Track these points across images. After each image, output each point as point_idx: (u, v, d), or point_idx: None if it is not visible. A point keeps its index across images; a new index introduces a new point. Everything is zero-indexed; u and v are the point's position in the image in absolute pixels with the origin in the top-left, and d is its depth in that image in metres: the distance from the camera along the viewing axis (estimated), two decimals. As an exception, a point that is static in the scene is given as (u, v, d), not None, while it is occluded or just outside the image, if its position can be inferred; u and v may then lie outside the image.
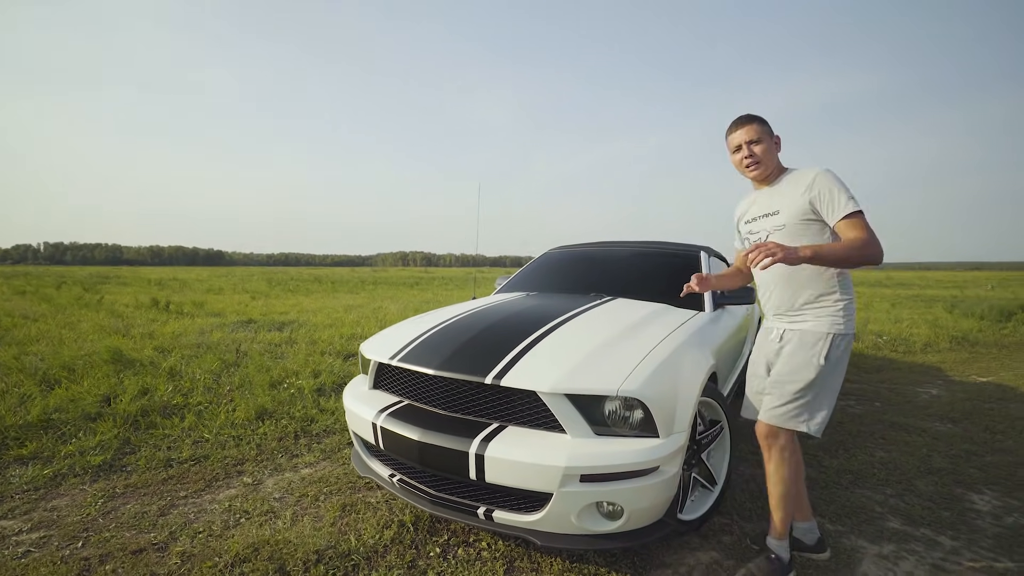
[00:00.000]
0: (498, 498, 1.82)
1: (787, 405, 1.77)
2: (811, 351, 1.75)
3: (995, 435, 3.30)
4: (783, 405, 1.78)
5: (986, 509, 2.33)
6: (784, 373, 1.80)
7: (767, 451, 1.85)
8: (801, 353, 1.77)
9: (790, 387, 1.77)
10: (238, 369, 4.34)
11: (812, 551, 1.92)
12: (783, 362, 1.82)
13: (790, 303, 1.83)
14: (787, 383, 1.78)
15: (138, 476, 2.56)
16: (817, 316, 1.78)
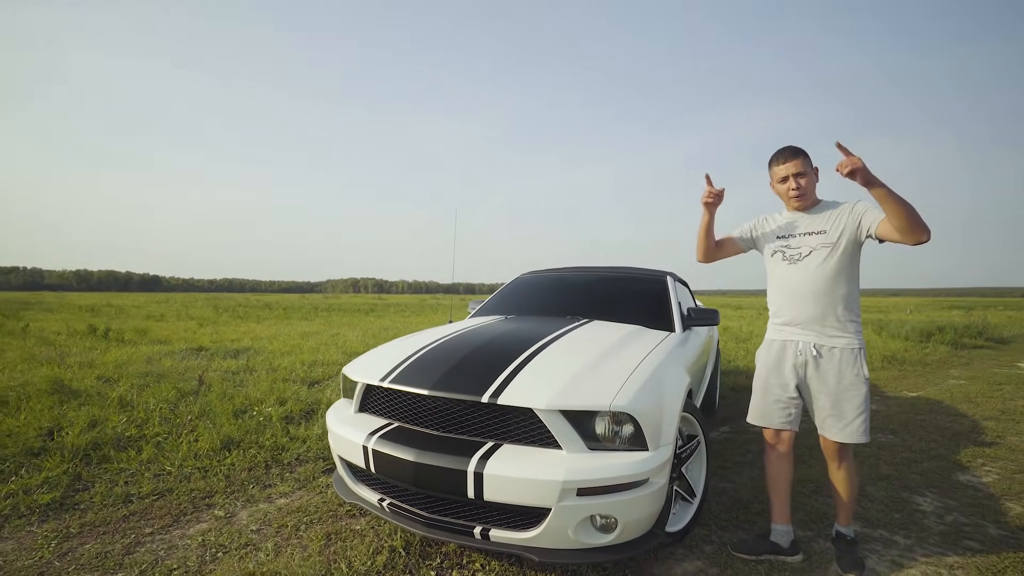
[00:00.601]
0: (494, 517, 1.84)
1: (855, 422, 1.93)
2: (855, 367, 1.94)
3: (929, 444, 3.62)
4: (851, 423, 1.93)
5: (930, 509, 2.55)
6: (839, 393, 1.95)
7: (837, 463, 2.03)
8: (849, 371, 1.94)
9: (850, 405, 1.93)
10: (197, 398, 4.11)
11: (787, 553, 2.06)
12: (833, 381, 1.95)
13: (823, 319, 1.97)
14: (846, 401, 1.94)
15: (94, 514, 2.38)
16: (847, 332, 1.96)
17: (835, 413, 1.97)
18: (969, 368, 7.23)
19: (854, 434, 1.94)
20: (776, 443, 2.14)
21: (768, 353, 2.14)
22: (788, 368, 2.06)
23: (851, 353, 1.95)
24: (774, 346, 2.12)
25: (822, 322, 1.98)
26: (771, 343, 2.14)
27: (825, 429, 2.01)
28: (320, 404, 4.09)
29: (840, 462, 2.03)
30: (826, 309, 1.97)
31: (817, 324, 1.99)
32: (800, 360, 2.03)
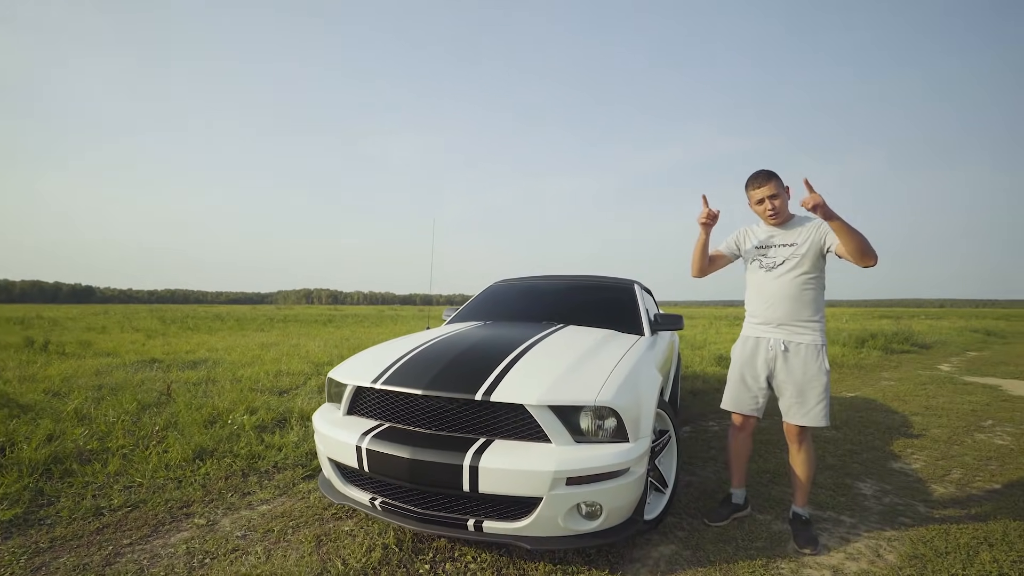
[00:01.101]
0: (487, 509, 1.95)
1: (815, 408, 2.22)
2: (817, 361, 2.23)
3: (867, 437, 3.99)
4: (812, 409, 2.22)
5: (870, 493, 2.85)
6: (803, 383, 2.23)
7: (797, 445, 2.32)
8: (812, 364, 2.22)
9: (812, 394, 2.22)
10: (160, 409, 3.97)
11: (743, 509, 2.51)
12: (799, 373, 2.24)
13: (795, 316, 2.26)
14: (808, 391, 2.22)
15: (64, 528, 2.29)
16: (812, 330, 2.25)
17: (799, 401, 2.25)
18: (898, 370, 7.91)
19: (815, 418, 2.22)
20: (743, 426, 2.48)
21: (743, 348, 2.43)
22: (760, 361, 2.35)
23: (815, 349, 2.24)
24: (748, 342, 2.41)
25: (791, 322, 2.27)
26: (746, 339, 2.43)
27: (789, 415, 2.29)
28: (292, 412, 4.04)
29: (800, 445, 2.32)
30: (794, 311, 2.26)
31: (786, 323, 2.28)
32: (771, 355, 2.32)
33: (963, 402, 5.35)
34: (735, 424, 2.50)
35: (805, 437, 2.31)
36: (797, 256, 2.26)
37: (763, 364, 2.34)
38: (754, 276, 2.41)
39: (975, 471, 3.21)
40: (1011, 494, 2.81)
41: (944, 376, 7.29)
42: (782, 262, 2.30)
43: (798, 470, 2.34)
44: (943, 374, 7.51)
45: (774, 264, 2.32)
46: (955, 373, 7.62)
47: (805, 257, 2.24)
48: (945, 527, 2.39)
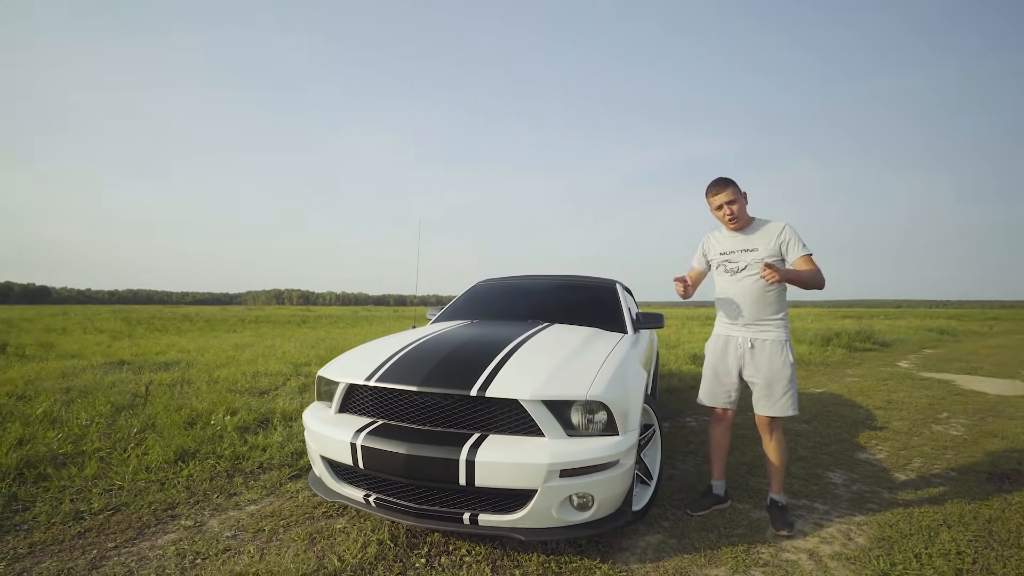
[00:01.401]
0: (482, 502, 1.99)
1: (783, 399, 2.38)
2: (782, 356, 2.39)
3: (835, 430, 4.19)
4: (780, 400, 2.38)
5: (840, 482, 3.01)
6: (770, 377, 2.38)
7: (769, 435, 2.47)
8: (777, 358, 2.38)
9: (779, 386, 2.38)
10: (136, 411, 3.86)
11: (723, 502, 2.60)
12: (765, 367, 2.39)
13: (759, 316, 2.42)
14: (775, 383, 2.38)
15: (43, 533, 2.23)
16: (776, 328, 2.42)
17: (767, 393, 2.40)
18: (861, 367, 8.28)
19: (783, 408, 2.38)
20: (721, 419, 2.62)
21: (715, 345, 2.58)
22: (731, 358, 2.50)
23: (779, 344, 2.40)
24: (719, 339, 2.57)
25: (755, 321, 2.43)
26: (717, 336, 2.58)
27: (759, 407, 2.44)
28: (274, 413, 3.99)
29: (772, 434, 2.47)
30: (758, 311, 2.43)
31: (752, 323, 2.44)
32: (740, 352, 2.47)
33: (921, 396, 5.66)
34: (714, 417, 2.63)
35: (776, 427, 2.46)
36: (759, 261, 2.39)
37: (733, 360, 2.49)
38: (720, 280, 2.56)
39: (933, 460, 3.42)
40: (966, 480, 3.02)
41: (903, 372, 7.68)
42: (744, 267, 2.44)
43: (772, 458, 2.49)
44: (902, 370, 7.90)
45: (737, 268, 2.47)
46: (913, 369, 8.03)
47: (763, 261, 2.37)
48: (908, 511, 2.55)
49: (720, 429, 2.62)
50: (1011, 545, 2.18)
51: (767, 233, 2.43)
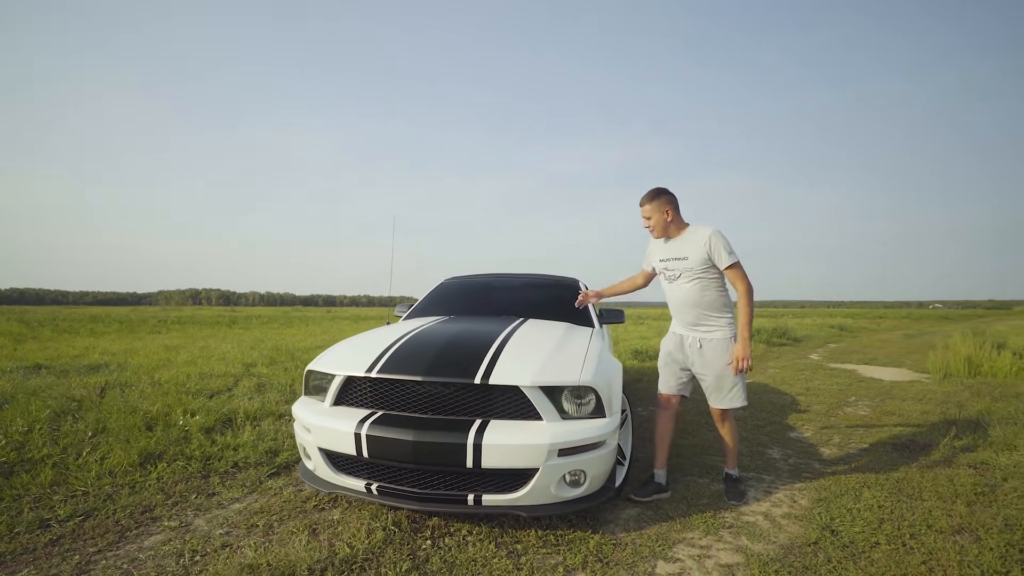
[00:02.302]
0: (485, 483, 2.13)
1: (730, 393, 2.57)
2: (726, 354, 2.54)
3: (767, 414, 4.72)
4: (728, 394, 2.57)
5: (778, 457, 3.43)
6: (719, 373, 2.55)
7: (721, 423, 2.70)
8: (724, 356, 2.54)
9: (727, 381, 2.55)
10: (81, 414, 3.58)
11: (664, 491, 2.70)
12: (713, 364, 2.55)
13: (699, 320, 2.58)
14: (723, 378, 2.55)
15: (7, 543, 2.09)
16: (720, 327, 2.57)
17: (717, 387, 2.59)
18: (780, 360, 9.20)
19: (731, 401, 2.60)
20: (667, 405, 2.77)
21: (670, 341, 2.76)
22: (682, 354, 2.69)
23: (725, 342, 2.56)
24: (674, 336, 2.74)
25: (700, 323, 2.60)
26: (672, 334, 2.77)
27: (711, 400, 2.66)
28: (236, 413, 3.86)
29: (724, 422, 2.71)
30: (700, 314, 2.59)
31: (697, 325, 2.61)
32: (691, 350, 2.65)
33: (832, 384, 6.43)
34: (661, 403, 2.77)
35: (727, 416, 2.68)
36: (690, 268, 2.54)
37: (684, 356, 2.67)
38: (663, 285, 2.74)
39: (849, 436, 3.97)
40: (876, 451, 3.55)
41: (815, 364, 8.63)
42: (679, 275, 2.59)
43: (726, 440, 2.74)
44: (814, 362, 8.88)
45: (675, 276, 2.61)
46: (822, 361, 9.05)
47: (695, 270, 2.53)
48: (836, 477, 2.99)
49: (666, 416, 2.76)
50: (916, 498, 2.64)
51: (695, 242, 2.53)
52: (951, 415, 4.52)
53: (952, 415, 4.52)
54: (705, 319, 2.57)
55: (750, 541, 2.21)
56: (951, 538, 2.19)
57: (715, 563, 2.03)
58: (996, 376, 6.75)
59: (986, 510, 2.47)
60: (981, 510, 2.47)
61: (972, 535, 2.22)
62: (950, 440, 3.66)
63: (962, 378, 6.75)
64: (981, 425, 4.10)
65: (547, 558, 2.04)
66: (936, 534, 2.23)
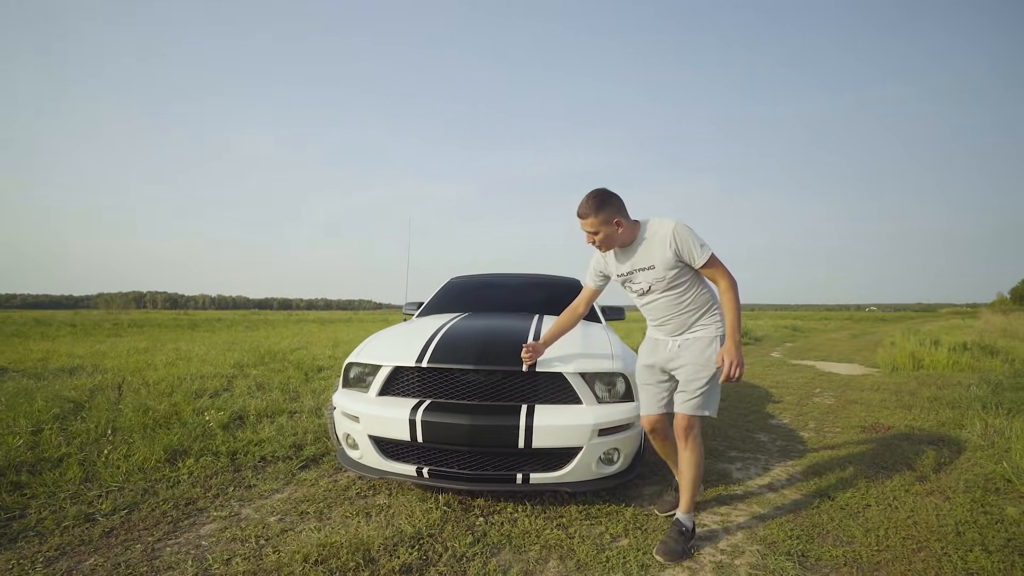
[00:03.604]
0: (534, 462, 2.32)
1: (698, 396, 2.08)
2: (708, 350, 2.09)
3: (748, 405, 5.11)
4: (695, 396, 2.09)
5: (766, 440, 3.78)
6: (690, 373, 2.10)
7: (684, 440, 2.13)
8: (703, 354, 2.09)
9: (695, 384, 2.09)
10: (88, 413, 3.51)
11: None
12: (688, 364, 2.11)
13: (685, 327, 2.16)
14: (693, 380, 2.09)
15: (59, 537, 2.10)
16: (705, 326, 2.14)
17: (685, 387, 2.11)
18: (746, 358, 9.54)
19: (698, 407, 2.08)
20: (655, 429, 2.29)
21: (646, 346, 2.34)
22: (655, 361, 2.25)
23: (708, 340, 2.12)
24: (649, 341, 2.33)
25: (682, 330, 2.17)
26: (649, 339, 2.34)
27: (676, 402, 2.17)
28: (248, 411, 3.87)
29: (687, 438, 2.12)
30: (683, 322, 2.16)
31: (678, 331, 2.17)
32: (670, 355, 2.19)
33: (798, 378, 6.97)
34: (648, 428, 2.29)
35: (692, 431, 2.12)
36: (659, 277, 2.12)
37: (655, 362, 2.25)
38: (632, 296, 2.31)
39: (822, 421, 4.39)
40: (847, 433, 3.96)
41: (778, 360, 9.26)
42: (648, 288, 2.16)
43: (684, 468, 2.15)
44: (777, 359, 9.52)
45: (644, 290, 2.18)
46: (784, 358, 9.71)
47: (666, 277, 2.11)
48: (819, 455, 3.35)
49: (660, 437, 2.31)
50: (891, 469, 3.02)
51: (658, 243, 2.10)
52: (906, 402, 5.05)
53: (906, 402, 5.05)
54: (689, 326, 2.16)
55: (761, 508, 2.49)
56: (926, 499, 2.55)
57: (737, 525, 2.30)
58: (936, 369, 7.50)
59: (949, 476, 2.87)
60: (945, 476, 2.87)
61: (942, 495, 2.59)
62: (909, 422, 4.14)
63: (908, 371, 7.45)
64: (932, 409, 4.62)
65: (591, 528, 2.25)
66: (914, 496, 2.59)
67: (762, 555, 2.01)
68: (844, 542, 2.12)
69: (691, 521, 2.13)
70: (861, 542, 2.11)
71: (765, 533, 2.21)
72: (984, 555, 1.97)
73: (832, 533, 2.20)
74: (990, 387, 5.31)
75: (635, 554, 2.00)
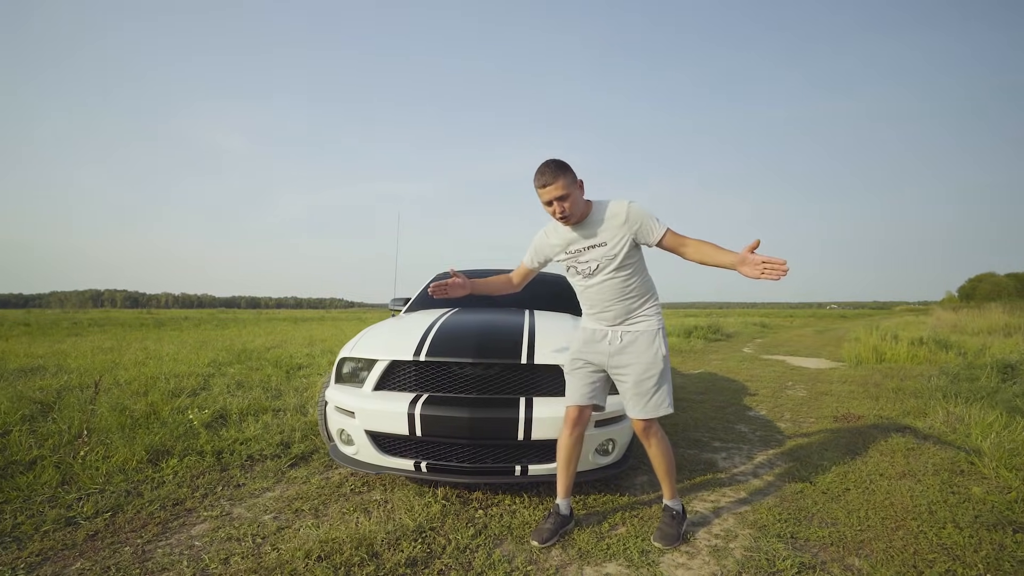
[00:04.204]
0: (532, 454, 2.34)
1: (655, 397, 2.03)
2: (653, 347, 2.05)
3: (726, 397, 5.27)
4: (652, 399, 2.03)
5: (747, 431, 3.91)
6: (640, 372, 2.03)
7: (648, 439, 2.12)
8: (648, 352, 2.04)
9: (649, 383, 2.02)
10: (60, 413, 3.35)
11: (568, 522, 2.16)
12: (634, 363, 2.04)
13: (626, 314, 2.07)
14: (645, 380, 2.02)
15: (41, 542, 2.01)
16: (646, 317, 2.09)
17: (638, 392, 2.04)
18: (719, 353, 10.08)
19: (657, 408, 2.04)
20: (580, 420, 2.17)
21: (582, 335, 2.20)
22: (595, 356, 2.14)
23: (651, 335, 2.07)
24: (585, 331, 2.20)
25: (623, 318, 2.09)
26: (585, 329, 2.20)
27: (631, 409, 2.09)
28: (230, 410, 3.77)
29: (650, 437, 2.11)
30: (624, 308, 2.08)
31: (619, 319, 2.09)
32: (609, 346, 2.10)
33: (770, 372, 7.22)
34: (570, 419, 2.16)
35: (653, 431, 2.10)
36: (611, 257, 2.03)
37: (599, 353, 2.12)
38: (574, 281, 2.18)
39: (796, 411, 4.57)
40: (821, 422, 4.14)
41: (750, 356, 9.56)
42: (596, 267, 2.06)
43: (657, 463, 2.16)
44: (749, 355, 9.83)
45: (590, 271, 2.08)
46: (755, 354, 10.03)
47: (618, 256, 2.03)
48: (798, 442, 3.50)
49: (576, 435, 2.15)
50: (865, 455, 3.18)
51: (611, 221, 2.03)
52: (872, 393, 5.31)
53: (873, 393, 5.30)
54: (630, 315, 2.08)
55: (749, 494, 2.59)
56: (899, 481, 2.70)
57: (728, 511, 2.38)
58: (897, 362, 7.88)
59: (918, 460, 3.04)
60: (914, 460, 3.04)
61: (913, 478, 2.74)
62: (877, 412, 4.35)
63: (871, 364, 7.81)
64: (897, 399, 4.87)
65: (590, 517, 2.29)
66: (888, 480, 2.73)
67: (754, 538, 2.09)
68: (829, 523, 2.22)
69: (679, 504, 2.18)
70: (844, 523, 2.22)
71: (755, 517, 2.29)
72: (956, 531, 2.10)
73: (817, 516, 2.30)
74: (948, 378, 5.63)
75: (634, 541, 2.05)
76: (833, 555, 1.96)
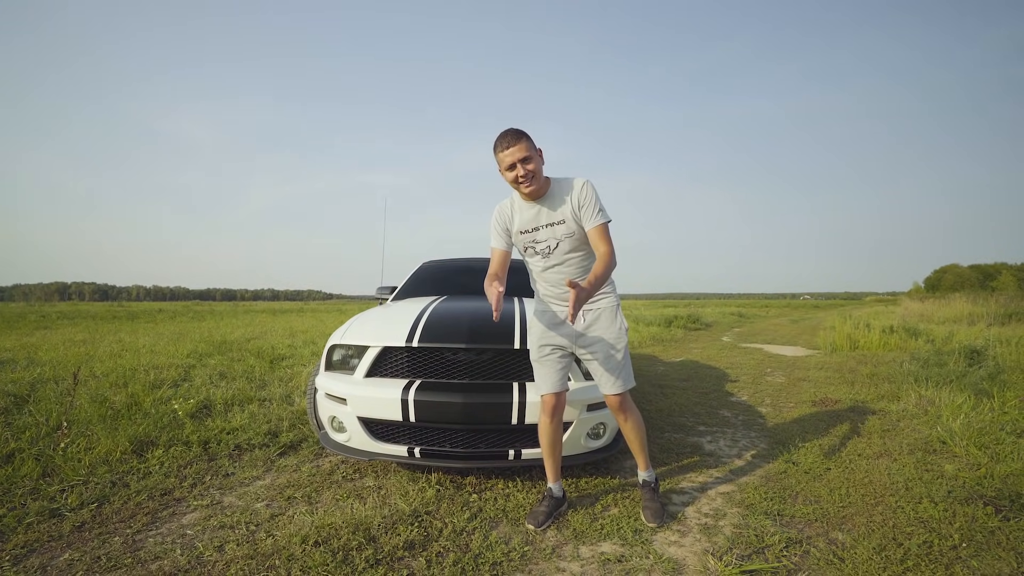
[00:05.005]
0: (525, 439, 2.37)
1: (623, 372, 2.07)
2: (616, 322, 2.09)
3: (708, 384, 5.39)
4: (620, 373, 2.07)
5: (730, 416, 4.01)
6: (606, 349, 2.05)
7: (622, 415, 2.13)
8: (612, 327, 2.08)
9: (617, 357, 2.06)
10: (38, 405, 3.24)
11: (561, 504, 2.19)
12: (601, 339, 2.06)
13: None
14: (611, 357, 2.05)
15: (26, 534, 1.96)
16: (606, 294, 2.11)
17: (608, 367, 2.06)
18: (699, 342, 10.27)
19: (626, 382, 2.08)
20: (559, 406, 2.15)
21: (542, 320, 2.16)
22: (561, 333, 2.12)
23: (612, 310, 2.10)
24: (546, 314, 2.16)
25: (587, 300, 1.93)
26: (544, 312, 2.17)
27: (604, 386, 2.10)
28: (214, 400, 3.70)
29: (625, 412, 2.13)
30: None
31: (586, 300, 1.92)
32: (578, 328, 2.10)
33: (749, 360, 7.39)
34: (547, 406, 2.12)
35: (627, 406, 2.13)
36: (569, 234, 2.01)
37: (563, 335, 2.12)
38: (532, 262, 2.14)
39: (776, 397, 4.70)
40: (800, 407, 4.27)
41: (729, 344, 9.77)
42: (556, 245, 2.03)
43: (631, 437, 2.19)
44: (728, 343, 10.04)
45: (549, 250, 2.05)
46: (734, 342, 10.25)
47: (576, 232, 2.02)
48: (779, 426, 3.60)
49: (556, 422, 2.15)
50: (844, 437, 3.30)
51: (568, 197, 2.00)
52: (848, 378, 5.49)
53: (848, 378, 5.48)
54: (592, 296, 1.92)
55: (735, 475, 2.66)
56: (877, 461, 2.81)
57: (716, 491, 2.45)
58: (870, 349, 8.15)
59: (893, 440, 3.16)
60: (890, 440, 3.16)
61: (890, 457, 2.86)
62: (853, 396, 4.50)
63: (846, 351, 8.06)
64: (871, 384, 5.05)
65: (583, 499, 2.33)
66: (866, 459, 2.84)
67: (743, 516, 2.16)
68: (812, 501, 2.30)
69: (652, 474, 2.26)
70: (827, 500, 2.30)
71: (742, 497, 2.36)
72: (931, 505, 2.20)
73: (801, 494, 2.39)
74: (919, 363, 5.85)
75: (627, 520, 2.10)
76: (818, 530, 2.04)
